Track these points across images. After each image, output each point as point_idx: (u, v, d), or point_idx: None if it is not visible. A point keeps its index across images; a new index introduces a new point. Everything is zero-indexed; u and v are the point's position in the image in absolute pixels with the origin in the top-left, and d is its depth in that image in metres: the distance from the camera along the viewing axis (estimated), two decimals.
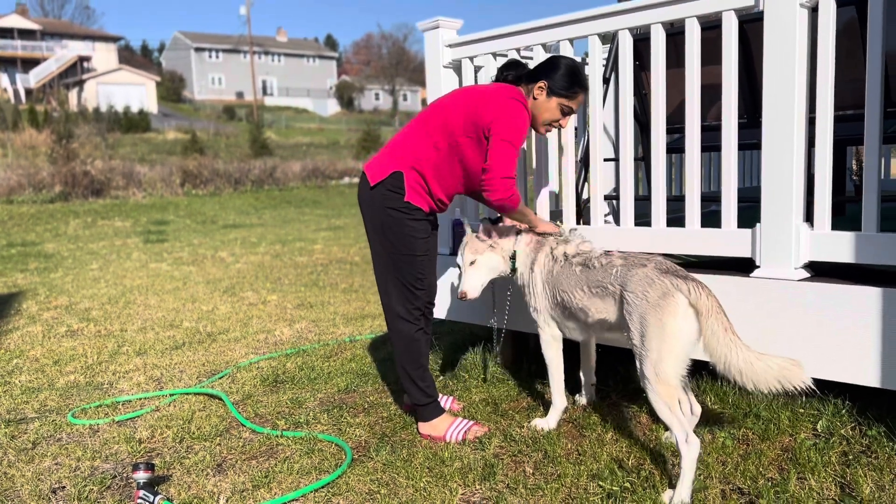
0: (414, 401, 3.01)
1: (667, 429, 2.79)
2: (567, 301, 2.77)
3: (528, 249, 2.96)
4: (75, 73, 50.97)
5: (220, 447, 2.99)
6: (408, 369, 2.99)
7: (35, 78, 49.37)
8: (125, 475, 2.77)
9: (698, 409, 2.74)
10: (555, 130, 3.19)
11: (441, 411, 3.00)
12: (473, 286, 2.94)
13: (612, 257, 2.66)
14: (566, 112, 2.94)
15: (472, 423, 2.98)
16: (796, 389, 2.25)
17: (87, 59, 52.96)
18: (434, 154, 2.86)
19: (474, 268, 2.94)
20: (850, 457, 2.53)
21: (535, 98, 2.91)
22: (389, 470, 2.67)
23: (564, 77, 2.87)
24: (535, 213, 3.08)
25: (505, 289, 3.37)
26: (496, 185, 2.74)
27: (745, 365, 2.27)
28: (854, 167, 5.99)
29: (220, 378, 4.02)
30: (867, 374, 2.51)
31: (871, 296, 2.47)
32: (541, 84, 2.89)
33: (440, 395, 3.16)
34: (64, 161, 19.71)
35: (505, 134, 2.74)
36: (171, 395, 3.73)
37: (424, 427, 2.99)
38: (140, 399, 3.72)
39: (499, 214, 3.25)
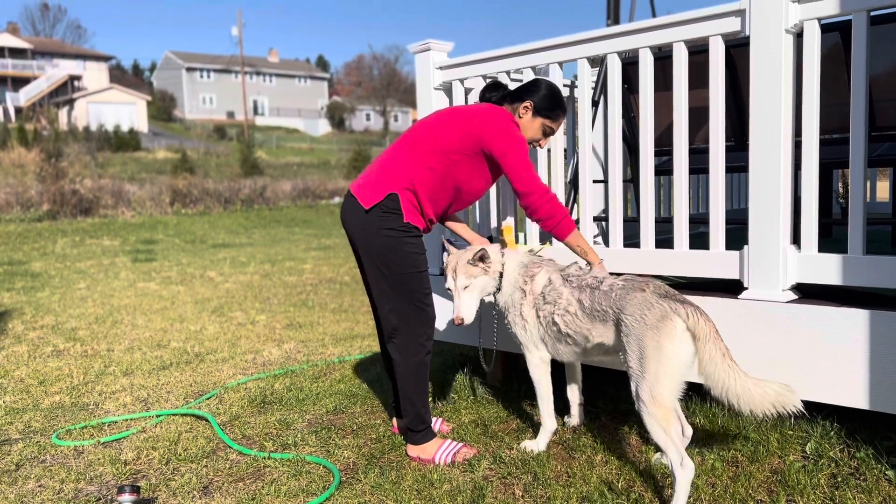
0: (409, 424, 2.98)
1: (658, 450, 2.79)
2: (565, 324, 2.75)
3: (519, 269, 2.95)
4: (66, 91, 50.98)
5: (207, 469, 2.96)
6: (409, 391, 2.96)
7: (25, 96, 49.34)
8: (110, 497, 2.74)
9: (689, 432, 2.74)
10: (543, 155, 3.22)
11: (432, 436, 2.98)
12: (470, 311, 2.89)
13: (612, 280, 2.66)
14: (547, 133, 3.05)
15: (461, 444, 2.97)
16: (788, 413, 2.29)
17: (78, 77, 53.03)
18: (429, 175, 2.86)
19: (468, 292, 2.90)
20: (839, 479, 2.53)
21: (520, 117, 3.00)
22: (378, 492, 2.65)
23: (548, 98, 2.98)
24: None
25: (490, 309, 3.36)
26: (536, 204, 2.85)
27: (742, 391, 2.29)
28: (840, 190, 6.06)
29: (207, 399, 3.99)
30: (855, 396, 2.52)
31: (857, 318, 2.49)
32: (526, 104, 2.98)
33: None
34: (53, 179, 19.60)
35: (514, 157, 2.82)
36: (158, 416, 3.70)
37: (413, 449, 2.97)
38: (126, 420, 3.68)
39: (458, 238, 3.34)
